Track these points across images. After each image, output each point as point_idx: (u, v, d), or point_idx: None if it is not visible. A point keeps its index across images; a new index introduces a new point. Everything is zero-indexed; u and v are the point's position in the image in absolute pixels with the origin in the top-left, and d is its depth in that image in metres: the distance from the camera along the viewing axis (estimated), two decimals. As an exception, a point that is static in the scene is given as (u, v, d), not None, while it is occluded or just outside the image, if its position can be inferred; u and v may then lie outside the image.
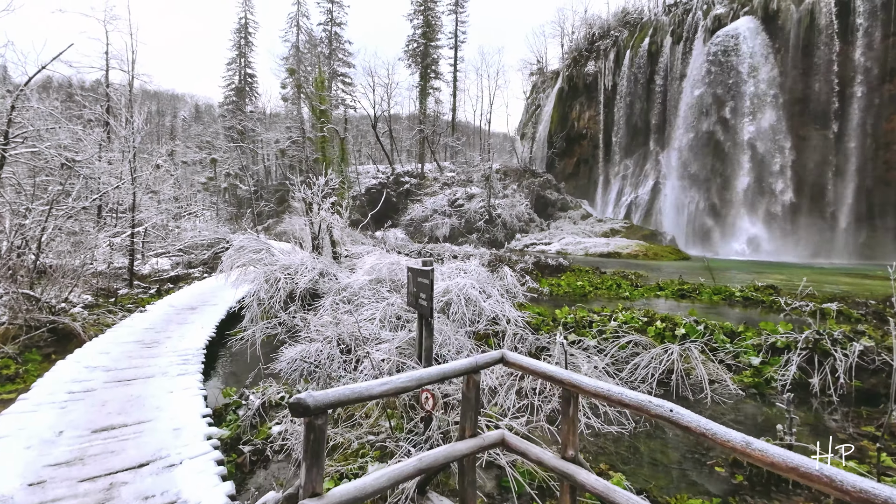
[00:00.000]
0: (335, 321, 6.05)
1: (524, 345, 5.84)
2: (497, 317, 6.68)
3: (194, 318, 7.28)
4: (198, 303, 8.46)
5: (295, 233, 26.12)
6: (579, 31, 48.03)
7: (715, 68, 34.06)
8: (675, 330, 6.82)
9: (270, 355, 5.90)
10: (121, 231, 10.76)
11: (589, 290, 10.64)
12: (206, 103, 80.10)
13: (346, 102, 51.47)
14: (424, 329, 4.20)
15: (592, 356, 5.40)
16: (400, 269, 7.49)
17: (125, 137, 10.43)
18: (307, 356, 5.06)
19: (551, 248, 29.84)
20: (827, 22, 29.94)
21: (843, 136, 29.95)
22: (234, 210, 39.79)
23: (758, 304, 9.48)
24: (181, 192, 25.71)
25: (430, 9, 48.21)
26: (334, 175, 17.06)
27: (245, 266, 7.59)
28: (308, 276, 6.82)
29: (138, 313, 7.43)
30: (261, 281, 6.68)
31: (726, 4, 35.24)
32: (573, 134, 44.89)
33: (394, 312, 6.16)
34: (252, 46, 56.48)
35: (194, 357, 5.15)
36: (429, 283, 3.96)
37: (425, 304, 4.04)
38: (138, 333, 6.23)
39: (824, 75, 30.21)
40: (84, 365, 4.75)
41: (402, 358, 4.67)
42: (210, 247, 16.92)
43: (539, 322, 6.80)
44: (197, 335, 6.16)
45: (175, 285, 11.92)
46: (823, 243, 30.56)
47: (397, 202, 43.08)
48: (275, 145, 44.82)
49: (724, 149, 34.08)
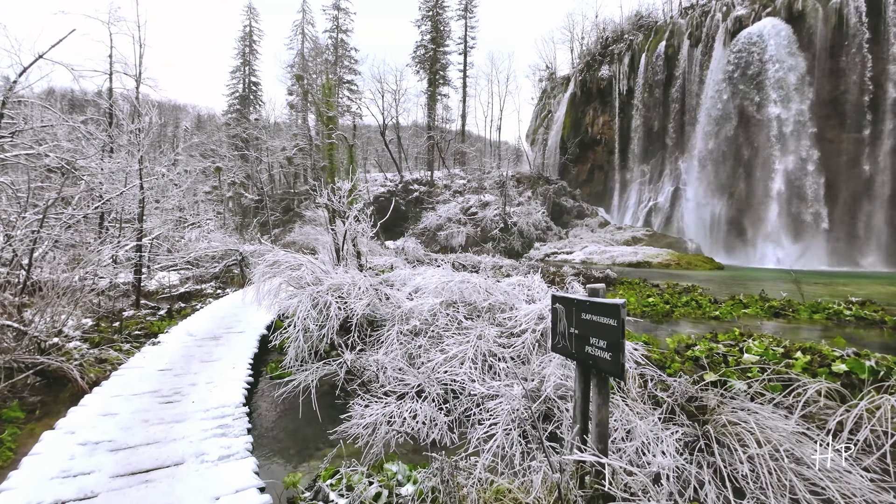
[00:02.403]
0: (414, 362, 4.63)
1: (671, 394, 4.39)
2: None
3: (220, 351, 5.83)
4: (220, 330, 7.01)
5: (308, 243, 24.71)
6: (590, 35, 47.19)
7: (737, 71, 32.97)
8: (830, 366, 5.40)
9: (331, 407, 4.47)
10: (126, 242, 9.34)
11: (666, 309, 9.20)
12: (209, 113, 79.31)
13: (352, 110, 50.44)
14: (597, 394, 2.78)
15: (774, 413, 3.96)
16: (473, 289, 6.07)
17: (135, 132, 9.06)
18: (394, 418, 3.62)
19: (573, 256, 28.42)
20: (856, 22, 28.87)
21: (875, 140, 28.75)
22: (238, 219, 38.42)
23: (876, 326, 8.06)
24: (185, 202, 24.33)
25: (439, 14, 47.32)
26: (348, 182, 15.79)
27: (281, 285, 6.16)
28: (365, 300, 5.39)
29: (150, 346, 5.98)
30: (307, 306, 5.24)
31: (747, 6, 34.25)
32: (587, 140, 43.74)
33: (487, 349, 4.72)
34: (257, 55, 55.63)
35: (235, 421, 3.69)
36: (617, 326, 2.55)
37: (608, 356, 2.62)
38: (153, 378, 4.77)
39: (854, 77, 29.08)
40: (79, 440, 3.27)
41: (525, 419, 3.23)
42: (221, 259, 15.50)
43: (661, 357, 5.36)
44: (229, 380, 4.70)
45: (187, 304, 10.48)
46: (854, 250, 29.23)
47: (406, 210, 41.80)
48: (281, 153, 43.59)
49: (748, 154, 32.87)
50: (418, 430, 3.55)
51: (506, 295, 6.09)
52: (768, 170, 31.56)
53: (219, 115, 63.84)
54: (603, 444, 2.78)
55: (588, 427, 2.93)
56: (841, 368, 5.29)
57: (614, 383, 4.92)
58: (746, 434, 3.39)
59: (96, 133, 10.67)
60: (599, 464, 2.74)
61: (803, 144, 30.50)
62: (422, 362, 4.74)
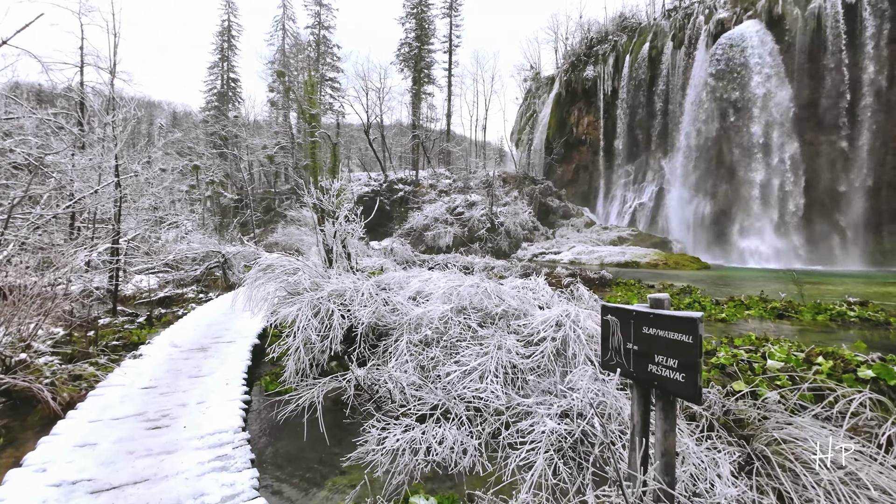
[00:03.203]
0: (428, 375, 4.24)
1: (706, 408, 4.10)
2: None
3: (210, 365, 5.32)
4: (208, 339, 6.46)
5: (292, 244, 23.99)
6: (574, 36, 47.43)
7: (719, 73, 33.47)
8: (855, 371, 5.22)
9: (338, 427, 4.04)
10: (101, 244, 8.68)
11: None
12: (185, 110, 76.99)
13: (334, 108, 49.58)
14: (664, 419, 2.44)
15: (825, 428, 3.70)
16: (484, 294, 5.70)
17: (111, 124, 8.40)
18: (417, 443, 3.22)
19: (561, 257, 28.37)
20: (833, 26, 29.58)
21: (852, 142, 29.52)
22: (218, 220, 37.24)
23: (881, 327, 8.00)
24: (161, 202, 23.38)
25: (424, 12, 46.86)
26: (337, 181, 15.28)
27: (276, 291, 5.68)
28: (370, 307, 4.97)
29: (131, 360, 5.42)
30: (308, 314, 4.79)
31: (729, 9, 34.81)
32: (572, 140, 43.89)
33: (508, 360, 4.36)
34: (236, 50, 54.22)
35: (236, 451, 3.23)
36: (694, 343, 2.22)
37: (680, 377, 2.29)
38: (136, 398, 4.25)
39: (832, 80, 29.80)
40: (52, 480, 2.74)
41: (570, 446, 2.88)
42: (202, 261, 14.78)
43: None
44: (224, 400, 4.21)
45: (168, 310, 9.83)
46: (833, 249, 29.98)
47: (391, 210, 41.28)
48: (261, 151, 42.47)
49: (730, 155, 33.42)
50: (445, 456, 3.15)
51: (518, 300, 5.75)
52: (749, 171, 32.13)
53: (196, 112, 62.00)
54: (670, 475, 2.44)
55: (649, 455, 2.60)
56: (867, 374, 5.11)
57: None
58: (806, 454, 3.11)
59: (67, 127, 9.94)
60: (667, 497, 2.41)
61: (783, 146, 31.14)
62: (437, 376, 4.35)
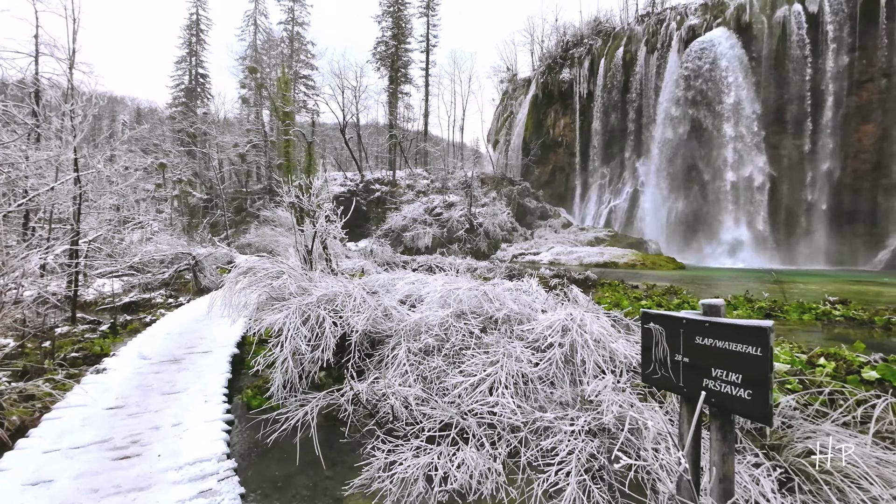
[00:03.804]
0: (430, 387, 3.89)
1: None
2: (631, 363, 4.77)
3: (185, 379, 4.80)
4: (181, 349, 5.90)
5: (266, 245, 23.10)
6: (550, 38, 47.86)
7: (690, 78, 34.34)
8: (859, 372, 5.15)
9: (331, 447, 3.63)
10: (59, 245, 7.93)
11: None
12: (150, 106, 73.83)
13: (308, 106, 48.46)
14: (721, 440, 2.16)
15: (855, 437, 3.54)
16: (483, 297, 5.39)
17: (69, 114, 7.66)
18: (433, 469, 2.86)
19: (541, 257, 28.43)
20: (798, 35, 30.76)
21: (816, 146, 30.76)
22: (186, 220, 35.69)
23: (866, 325, 8.11)
24: (125, 200, 22.15)
25: (400, 11, 46.35)
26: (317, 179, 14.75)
27: (258, 296, 5.20)
28: (365, 314, 4.58)
29: (93, 374, 4.84)
30: (296, 322, 4.37)
31: (699, 16, 35.78)
32: (548, 141, 44.25)
33: (518, 370, 4.05)
34: (204, 45, 52.33)
35: (222, 484, 2.77)
36: (763, 357, 1.95)
37: (746, 394, 2.02)
38: (100, 421, 3.72)
39: (797, 86, 31.00)
40: None
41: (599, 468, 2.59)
42: (171, 263, 13.95)
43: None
44: (203, 421, 3.73)
45: (134, 316, 9.09)
46: (798, 249, 31.16)
47: (368, 211, 40.58)
48: (232, 149, 41.02)
49: (701, 158, 34.35)
50: (464, 482, 2.81)
51: (521, 304, 5.46)
52: (720, 173, 33.08)
53: (161, 108, 59.49)
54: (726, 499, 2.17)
55: (699, 478, 2.33)
56: (872, 376, 5.04)
57: (647, 397, 4.40)
58: (849, 468, 2.92)
59: (20, 118, 9.11)
60: (725, 530, 2.14)
61: (751, 150, 32.18)
62: (444, 388, 4.00)
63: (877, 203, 29.04)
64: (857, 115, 29.64)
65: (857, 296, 12.47)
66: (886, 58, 28.06)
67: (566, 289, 8.22)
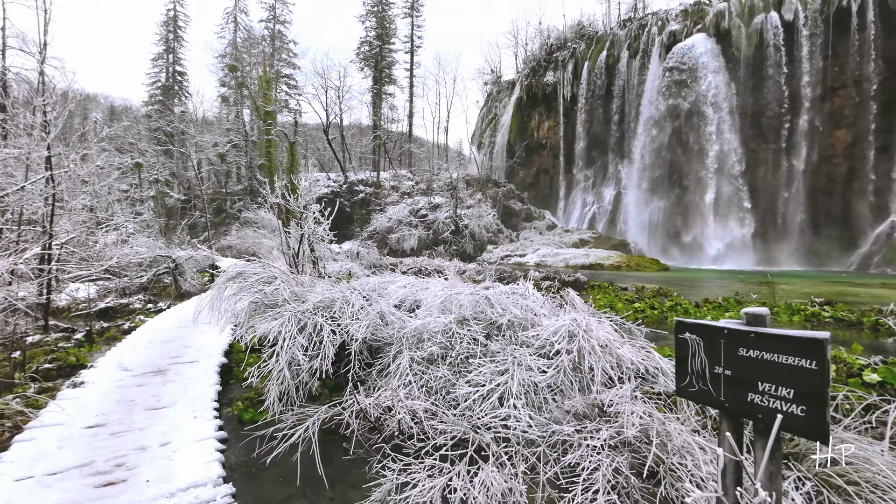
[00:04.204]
0: (435, 399, 3.70)
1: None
2: (646, 370, 4.69)
3: (171, 392, 4.49)
4: (165, 359, 5.56)
5: (248, 248, 22.51)
6: (534, 41, 48.20)
7: (671, 82, 34.93)
8: (860, 375, 5.16)
9: (332, 465, 3.40)
10: (28, 246, 7.46)
11: (657, 315, 8.91)
12: (125, 104, 71.58)
13: (290, 106, 47.70)
14: (769, 459, 2.03)
15: (873, 444, 3.48)
16: (485, 302, 5.23)
17: (41, 108, 7.21)
18: (450, 490, 2.66)
19: (527, 259, 28.47)
20: (774, 42, 31.56)
21: (791, 150, 31.59)
22: (164, 221, 34.61)
23: (853, 326, 8.23)
24: (99, 201, 21.39)
25: (384, 11, 46.03)
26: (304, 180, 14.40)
27: (246, 302, 4.92)
28: (365, 321, 4.36)
29: (70, 389, 4.49)
30: (292, 330, 4.12)
31: (680, 21, 36.46)
32: (533, 144, 44.49)
33: (530, 379, 3.89)
34: (182, 42, 51.05)
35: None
36: (819, 370, 1.82)
37: (799, 410, 1.89)
38: (80, 442, 3.40)
39: (773, 92, 31.81)
40: None
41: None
42: (149, 267, 13.40)
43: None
44: (194, 439, 3.44)
45: (111, 323, 8.63)
46: (776, 251, 31.92)
47: (352, 212, 40.09)
48: (212, 149, 40.03)
49: (682, 161, 34.94)
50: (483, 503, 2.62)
51: (523, 309, 5.31)
52: (700, 177, 33.69)
53: (137, 107, 57.76)
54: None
55: (739, 501, 2.20)
56: (873, 378, 5.04)
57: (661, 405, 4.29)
58: (879, 478, 2.83)
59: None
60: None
61: (730, 153, 32.86)
62: (453, 399, 3.81)
63: (849, 206, 29.99)
64: (830, 121, 30.56)
65: (836, 296, 12.74)
66: (857, 65, 29.02)
67: (562, 292, 8.12)
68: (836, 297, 12.68)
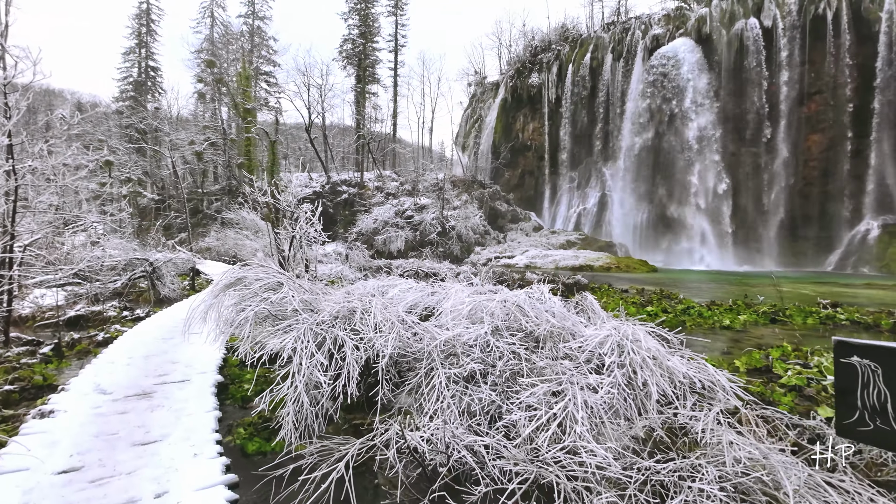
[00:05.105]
0: (479, 426, 3.16)
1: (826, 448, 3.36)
2: (693, 384, 4.25)
3: (160, 420, 3.80)
4: (150, 379, 4.83)
5: (229, 250, 21.46)
6: (518, 43, 48.16)
7: (654, 85, 35.26)
8: None
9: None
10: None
11: (674, 320, 8.56)
12: (93, 100, 68.49)
13: (270, 104, 46.37)
14: None
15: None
16: (517, 310, 4.71)
17: (1, 90, 6.34)
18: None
19: (516, 261, 28.15)
20: (754, 47, 32.15)
21: (771, 154, 32.21)
22: (137, 222, 32.94)
23: (870, 329, 8.05)
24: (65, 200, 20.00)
25: (368, 8, 45.20)
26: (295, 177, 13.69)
27: (253, 313, 4.26)
28: (392, 334, 3.79)
29: (36, 420, 3.75)
30: (310, 348, 3.51)
31: (663, 25, 36.87)
32: (518, 145, 44.35)
33: (591, 401, 3.38)
34: (156, 36, 49.04)
35: None
36: None
37: None
38: (50, 496, 2.72)
39: (753, 96, 32.40)
40: None
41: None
42: (124, 270, 12.41)
43: (763, 390, 4.41)
44: (196, 487, 2.80)
45: (84, 334, 7.75)
46: (757, 252, 32.46)
47: (335, 213, 39.07)
48: (188, 147, 38.43)
49: (666, 162, 35.27)
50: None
51: (560, 318, 4.80)
52: (684, 179, 34.04)
53: (106, 102, 55.23)
54: None
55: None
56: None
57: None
58: None
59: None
60: None
61: (711, 156, 33.29)
62: (505, 427, 3.26)
63: (825, 209, 30.74)
64: (806, 125, 31.31)
65: (834, 297, 12.69)
66: (832, 72, 29.79)
67: (578, 296, 7.67)
68: (834, 298, 12.64)
